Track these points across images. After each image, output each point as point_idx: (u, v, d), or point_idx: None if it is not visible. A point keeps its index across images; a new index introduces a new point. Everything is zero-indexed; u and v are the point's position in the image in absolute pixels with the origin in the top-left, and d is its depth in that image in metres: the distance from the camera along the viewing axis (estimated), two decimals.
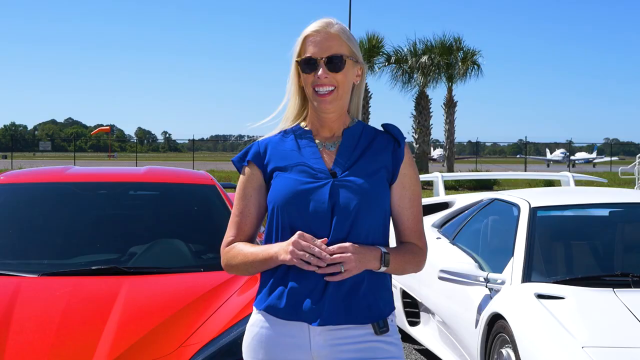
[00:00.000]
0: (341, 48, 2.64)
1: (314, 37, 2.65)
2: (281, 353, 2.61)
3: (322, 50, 2.62)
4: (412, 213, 2.71)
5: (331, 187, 2.58)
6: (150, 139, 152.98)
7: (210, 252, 5.08)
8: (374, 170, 2.64)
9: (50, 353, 3.71)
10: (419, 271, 2.76)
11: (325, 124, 2.70)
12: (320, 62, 2.62)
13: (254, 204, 2.71)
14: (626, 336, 4.23)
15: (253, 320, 2.70)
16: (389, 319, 2.64)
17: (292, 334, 2.60)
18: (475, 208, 6.50)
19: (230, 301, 4.23)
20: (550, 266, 5.18)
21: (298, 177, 2.62)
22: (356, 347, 2.58)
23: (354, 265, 2.49)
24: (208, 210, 5.42)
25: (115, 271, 4.55)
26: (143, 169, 5.88)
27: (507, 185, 31.23)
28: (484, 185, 29.76)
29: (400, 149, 2.69)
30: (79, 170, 5.84)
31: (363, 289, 2.58)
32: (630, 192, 6.26)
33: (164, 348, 3.83)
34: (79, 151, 71.59)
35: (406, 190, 2.70)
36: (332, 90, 2.63)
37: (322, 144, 2.70)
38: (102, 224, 5.26)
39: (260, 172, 2.71)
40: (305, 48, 2.65)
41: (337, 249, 2.49)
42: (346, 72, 2.65)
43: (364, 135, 2.72)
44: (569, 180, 7.84)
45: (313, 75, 2.63)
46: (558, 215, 5.74)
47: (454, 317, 5.66)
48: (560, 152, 78.11)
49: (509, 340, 4.57)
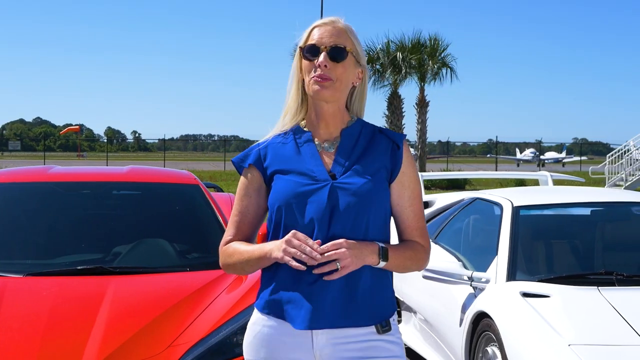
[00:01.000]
0: (346, 42, 2.66)
1: (321, 27, 2.67)
2: (283, 352, 2.61)
3: (327, 39, 2.64)
4: (413, 211, 2.71)
5: (330, 190, 2.58)
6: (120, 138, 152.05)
7: (195, 252, 5.07)
8: (373, 170, 2.64)
9: (38, 353, 3.67)
10: (422, 269, 2.76)
11: (323, 117, 2.69)
12: (323, 50, 2.63)
13: (254, 204, 2.72)
14: (612, 334, 4.27)
15: (254, 319, 2.69)
16: (391, 319, 2.65)
17: (294, 333, 2.59)
18: (457, 207, 6.53)
19: (217, 301, 4.22)
20: (535, 265, 5.22)
21: (297, 180, 2.62)
22: (358, 346, 2.58)
23: (350, 260, 2.49)
24: (192, 209, 5.40)
25: (100, 271, 4.52)
26: (126, 169, 5.84)
27: (478, 185, 31.41)
28: (455, 185, 29.89)
29: (399, 149, 2.70)
30: (61, 170, 5.79)
31: (365, 290, 2.57)
32: (611, 191, 6.33)
33: (153, 348, 3.81)
34: (47, 151, 70.98)
35: (406, 189, 2.70)
36: (329, 79, 2.62)
37: (321, 146, 2.70)
38: (86, 223, 5.22)
39: (260, 174, 2.71)
40: (311, 37, 2.67)
41: (331, 246, 2.49)
42: (346, 66, 2.65)
43: (362, 135, 2.72)
44: (548, 179, 7.90)
45: (313, 64, 2.63)
46: (540, 214, 5.79)
47: (438, 316, 5.68)
48: (530, 151, 78.63)
49: (494, 338, 4.60)
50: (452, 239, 6.19)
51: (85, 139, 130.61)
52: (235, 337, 3.94)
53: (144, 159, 76.06)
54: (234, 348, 3.90)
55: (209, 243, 5.11)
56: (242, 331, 3.94)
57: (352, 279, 2.54)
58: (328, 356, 2.58)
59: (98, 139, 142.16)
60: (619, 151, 32.44)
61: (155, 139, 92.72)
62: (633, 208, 5.82)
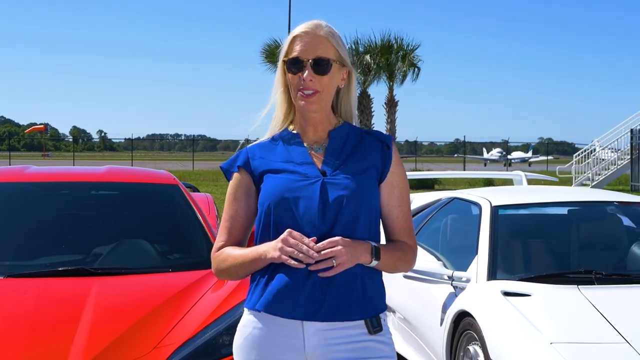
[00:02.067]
0: (328, 51, 2.66)
1: (303, 37, 2.66)
2: (274, 353, 2.60)
3: (310, 51, 2.64)
4: (402, 211, 2.73)
5: (321, 185, 2.60)
6: (86, 137, 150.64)
7: (177, 252, 5.05)
8: (363, 168, 2.66)
9: (24, 355, 3.64)
10: (410, 269, 2.78)
11: (310, 122, 2.71)
12: (307, 63, 2.63)
13: (244, 208, 2.71)
14: (593, 332, 4.31)
15: (245, 321, 2.68)
16: (382, 319, 2.66)
17: (285, 334, 2.59)
18: (434, 207, 6.55)
19: (202, 301, 4.20)
20: (515, 264, 5.26)
21: (289, 177, 2.63)
22: (350, 346, 2.59)
23: (345, 258, 2.50)
24: (172, 210, 5.37)
25: (82, 272, 4.48)
26: (104, 169, 5.79)
27: (446, 184, 31.56)
28: (425, 185, 29.99)
29: (389, 149, 2.72)
30: (38, 170, 5.73)
31: (357, 285, 2.59)
32: (587, 190, 6.40)
33: (139, 349, 3.79)
34: (12, 150, 70.20)
35: (395, 189, 2.72)
36: (316, 92, 2.64)
37: (310, 147, 2.71)
38: (66, 224, 5.17)
39: (249, 177, 2.71)
40: (293, 48, 2.67)
41: (327, 244, 2.50)
42: (332, 76, 2.67)
43: (350, 136, 2.74)
44: (522, 179, 7.96)
45: (299, 77, 2.64)
46: (519, 214, 5.83)
47: (418, 315, 5.70)
48: (497, 151, 79.04)
49: (476, 337, 4.62)
50: (430, 238, 6.22)
51: (51, 139, 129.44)
52: (222, 337, 3.93)
53: (111, 158, 75.57)
54: (221, 349, 3.90)
55: (190, 243, 5.10)
56: (228, 332, 3.95)
57: (344, 274, 2.55)
58: (320, 357, 2.58)
59: (63, 138, 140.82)
60: (585, 151, 32.82)
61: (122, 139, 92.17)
62: (608, 207, 5.88)
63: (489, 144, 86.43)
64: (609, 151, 32.03)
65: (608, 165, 31.66)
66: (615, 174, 31.62)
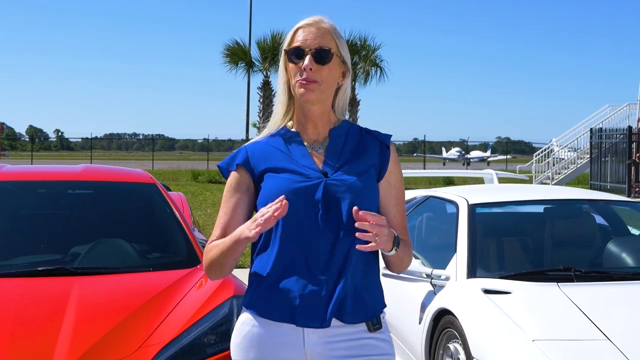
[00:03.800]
0: (330, 43, 2.66)
1: (305, 28, 2.67)
2: (274, 351, 2.59)
3: (311, 42, 2.64)
4: (398, 210, 2.74)
5: (324, 186, 2.59)
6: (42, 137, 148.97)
7: (156, 252, 5.00)
8: (363, 169, 2.66)
9: (8, 354, 3.59)
10: (406, 269, 2.79)
11: (310, 119, 2.70)
12: (308, 52, 2.63)
13: (241, 205, 2.69)
14: (574, 329, 4.35)
15: (243, 319, 2.66)
16: (381, 316, 2.66)
17: (284, 333, 2.58)
18: (410, 205, 6.56)
19: (185, 300, 4.17)
20: (495, 262, 5.29)
21: (291, 177, 2.61)
22: (349, 344, 2.59)
23: (385, 239, 2.50)
24: (150, 209, 5.33)
25: (62, 272, 4.43)
26: (80, 167, 5.73)
27: (407, 183, 31.70)
28: None
29: (388, 149, 2.73)
30: (13, 168, 5.65)
31: (357, 287, 2.58)
32: (561, 188, 6.45)
33: (124, 349, 3.76)
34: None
35: (392, 188, 2.73)
36: (315, 81, 2.63)
37: (311, 146, 2.70)
38: (43, 223, 5.11)
39: (248, 175, 2.70)
40: (295, 38, 2.67)
41: (379, 219, 2.48)
42: (331, 68, 2.66)
43: (350, 135, 2.73)
44: (493, 177, 8.03)
45: (299, 66, 2.63)
46: (496, 212, 5.87)
47: (396, 313, 5.70)
48: (456, 150, 79.62)
49: (457, 335, 4.64)
50: None
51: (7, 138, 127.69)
52: (207, 337, 3.91)
53: (69, 157, 74.78)
54: (206, 348, 3.88)
55: (170, 243, 5.06)
56: (213, 331, 3.93)
57: (344, 276, 2.55)
58: (319, 355, 2.57)
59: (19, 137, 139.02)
60: (544, 150, 33.17)
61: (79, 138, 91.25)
62: (583, 205, 5.94)
63: (447, 144, 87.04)
64: (568, 150, 32.40)
65: (567, 165, 32.00)
66: (575, 173, 31.97)
